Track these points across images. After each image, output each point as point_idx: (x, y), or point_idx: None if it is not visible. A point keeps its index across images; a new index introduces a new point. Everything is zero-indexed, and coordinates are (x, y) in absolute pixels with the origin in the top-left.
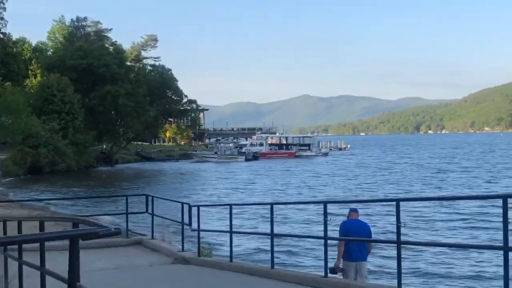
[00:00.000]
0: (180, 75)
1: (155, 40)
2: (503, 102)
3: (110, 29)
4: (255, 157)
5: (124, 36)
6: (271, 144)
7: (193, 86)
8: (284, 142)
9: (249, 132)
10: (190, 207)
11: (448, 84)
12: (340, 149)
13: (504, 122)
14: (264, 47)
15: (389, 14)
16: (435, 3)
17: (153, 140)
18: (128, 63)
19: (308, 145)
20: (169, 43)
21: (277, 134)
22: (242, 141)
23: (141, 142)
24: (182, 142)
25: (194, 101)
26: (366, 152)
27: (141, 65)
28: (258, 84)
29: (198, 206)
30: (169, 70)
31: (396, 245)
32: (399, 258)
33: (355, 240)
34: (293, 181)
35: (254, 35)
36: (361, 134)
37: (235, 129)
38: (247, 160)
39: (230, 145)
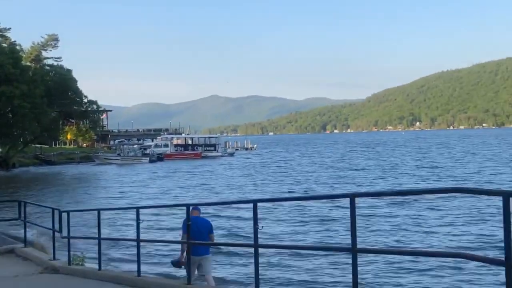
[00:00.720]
0: (85, 76)
1: (56, 40)
2: (404, 101)
3: (9, 29)
4: (160, 158)
5: (26, 36)
6: (176, 145)
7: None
8: (190, 142)
9: (155, 133)
10: (60, 212)
11: (353, 85)
12: (246, 149)
13: (406, 121)
14: (172, 47)
15: (293, 14)
16: (336, 4)
17: (53, 142)
18: (28, 63)
19: (214, 145)
20: (73, 43)
21: (183, 134)
22: (148, 142)
23: (40, 145)
24: (84, 144)
25: (95, 102)
26: (272, 152)
27: (38, 65)
28: (166, 84)
29: (68, 212)
30: (69, 70)
31: (253, 248)
32: (256, 262)
33: (206, 244)
34: (192, 182)
35: (161, 35)
36: (270, 134)
37: (140, 130)
38: (151, 161)
39: (134, 146)
